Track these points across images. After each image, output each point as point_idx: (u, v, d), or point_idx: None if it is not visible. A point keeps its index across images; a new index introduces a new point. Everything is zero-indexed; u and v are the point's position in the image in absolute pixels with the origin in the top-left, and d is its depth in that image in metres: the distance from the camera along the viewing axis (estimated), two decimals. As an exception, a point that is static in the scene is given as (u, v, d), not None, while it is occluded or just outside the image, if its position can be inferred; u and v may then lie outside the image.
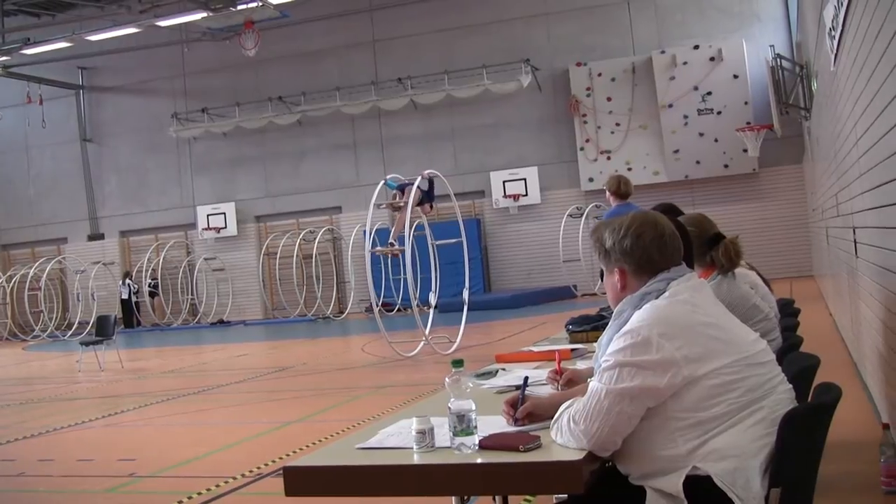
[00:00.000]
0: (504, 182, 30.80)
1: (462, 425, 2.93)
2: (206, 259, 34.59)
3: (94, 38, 29.41)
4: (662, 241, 3.18)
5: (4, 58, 30.72)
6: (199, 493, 6.82)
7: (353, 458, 3.08)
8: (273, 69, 33.26)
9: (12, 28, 31.00)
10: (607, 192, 10.45)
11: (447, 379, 3.03)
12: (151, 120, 35.30)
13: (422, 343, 15.75)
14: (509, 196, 30.69)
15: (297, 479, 3.05)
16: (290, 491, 3.03)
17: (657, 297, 3.06)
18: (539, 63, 30.50)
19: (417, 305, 17.29)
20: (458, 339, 16.38)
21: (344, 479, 3.00)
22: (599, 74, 29.87)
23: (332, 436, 8.65)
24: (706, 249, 4.72)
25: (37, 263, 33.78)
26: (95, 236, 36.89)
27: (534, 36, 30.83)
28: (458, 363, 3.10)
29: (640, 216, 3.25)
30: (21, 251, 37.82)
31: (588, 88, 30.01)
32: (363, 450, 3.16)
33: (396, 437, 3.23)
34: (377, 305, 16.90)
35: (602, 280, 10.22)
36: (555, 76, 30.67)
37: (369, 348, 18.34)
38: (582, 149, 30.05)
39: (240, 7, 26.83)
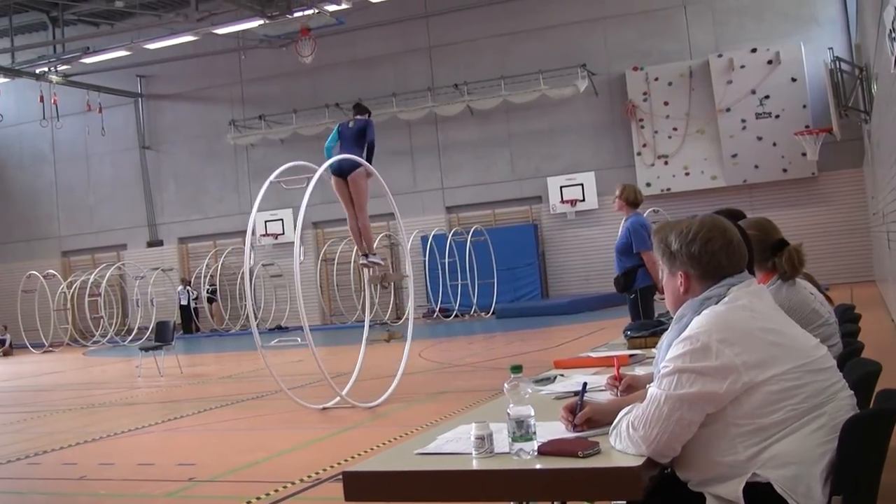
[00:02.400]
0: (561, 187, 30.71)
1: (521, 431, 2.93)
2: (263, 265, 34.77)
3: (151, 46, 29.79)
4: (731, 247, 3.17)
5: (64, 67, 31.22)
6: (258, 498, 6.87)
7: (412, 464, 3.09)
8: (329, 76, 33.44)
9: (72, 37, 31.47)
10: (618, 201, 10.62)
11: (506, 385, 3.04)
12: (209, 127, 35.67)
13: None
14: (566, 201, 30.59)
15: (357, 484, 3.05)
16: (349, 496, 3.04)
17: (717, 303, 3.05)
18: (595, 68, 30.40)
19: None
20: (398, 377, 12.77)
21: (403, 485, 3.01)
22: (656, 79, 29.72)
23: (389, 441, 8.68)
24: (769, 255, 4.68)
25: (97, 270, 34.23)
26: (154, 243, 37.27)
27: (590, 41, 30.74)
28: (516, 369, 3.10)
29: (709, 221, 3.23)
30: (81, 258, 38.27)
31: (645, 93, 29.87)
32: (422, 455, 3.17)
33: (455, 443, 3.24)
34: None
35: (617, 289, 10.00)
36: (611, 81, 30.56)
37: (427, 354, 18.37)
38: (639, 154, 29.90)
39: (296, 14, 27.04)
